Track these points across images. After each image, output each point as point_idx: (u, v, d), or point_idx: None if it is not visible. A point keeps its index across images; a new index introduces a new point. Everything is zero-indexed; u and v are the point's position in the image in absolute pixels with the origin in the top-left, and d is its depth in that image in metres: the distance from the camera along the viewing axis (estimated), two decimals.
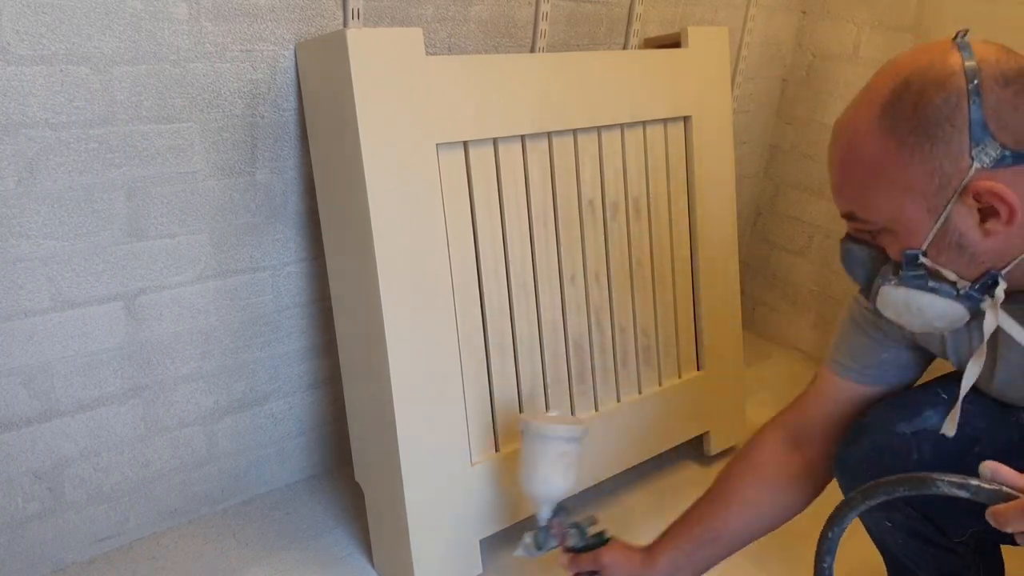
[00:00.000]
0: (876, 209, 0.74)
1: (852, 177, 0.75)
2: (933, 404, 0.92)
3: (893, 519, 0.97)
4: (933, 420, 0.90)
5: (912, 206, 0.72)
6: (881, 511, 0.97)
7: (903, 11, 1.74)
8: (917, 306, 0.76)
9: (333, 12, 1.18)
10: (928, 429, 0.90)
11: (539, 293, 1.26)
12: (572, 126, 1.26)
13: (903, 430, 0.91)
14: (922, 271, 0.74)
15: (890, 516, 0.97)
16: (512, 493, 1.26)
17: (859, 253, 0.80)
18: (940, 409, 0.90)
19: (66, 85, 0.99)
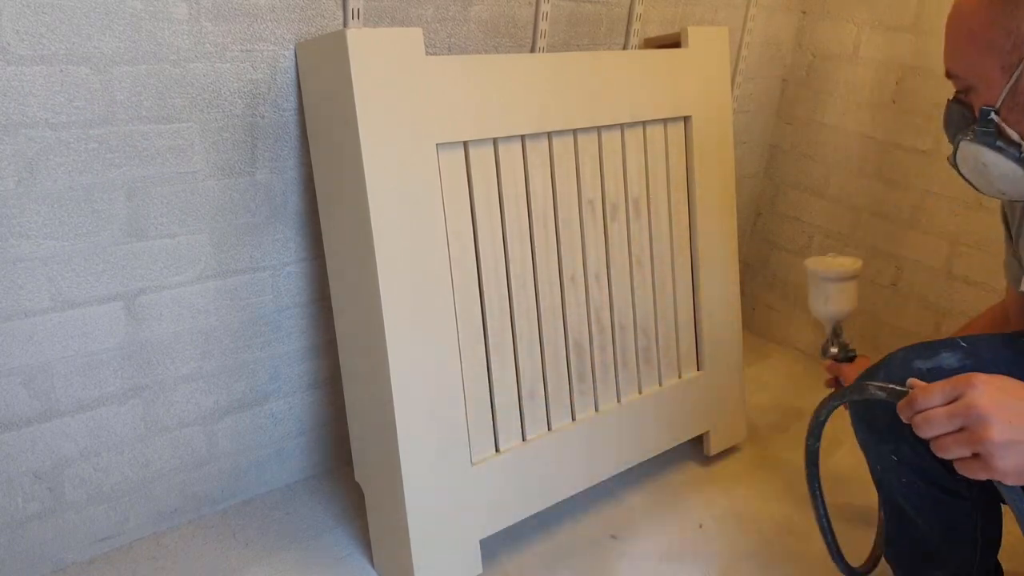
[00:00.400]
0: (965, 65, 0.82)
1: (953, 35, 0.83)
2: (951, 348, 0.96)
3: (901, 453, 0.98)
4: (949, 361, 0.94)
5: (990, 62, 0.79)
6: (890, 444, 0.99)
7: (903, 11, 1.74)
8: (983, 162, 0.84)
9: (333, 12, 1.18)
10: (943, 367, 0.93)
11: (539, 293, 1.26)
12: (572, 126, 1.26)
13: (919, 366, 0.95)
14: (992, 128, 0.81)
15: (899, 450, 0.98)
16: (512, 493, 1.26)
17: (954, 112, 0.87)
18: (957, 353, 0.94)
19: (66, 85, 0.99)
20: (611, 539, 1.38)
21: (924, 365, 0.94)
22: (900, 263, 1.85)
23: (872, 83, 1.82)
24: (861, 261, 1.34)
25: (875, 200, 1.87)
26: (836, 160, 1.94)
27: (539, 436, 1.29)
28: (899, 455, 0.99)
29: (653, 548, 1.36)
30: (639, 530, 1.41)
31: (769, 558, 1.37)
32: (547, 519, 1.38)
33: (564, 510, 1.40)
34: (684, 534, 1.40)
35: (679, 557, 1.35)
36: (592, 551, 1.35)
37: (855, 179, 1.91)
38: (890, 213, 1.85)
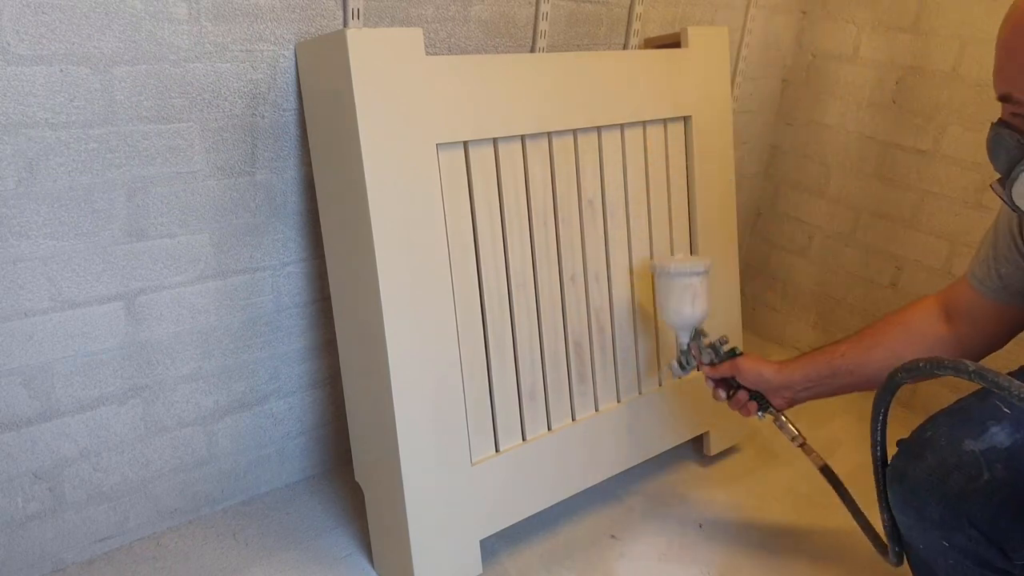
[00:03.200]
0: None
1: (1016, 56, 0.76)
2: (997, 419, 0.90)
3: (954, 540, 0.93)
4: (1000, 437, 0.88)
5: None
6: (941, 531, 0.93)
7: (903, 11, 1.74)
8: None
9: (333, 12, 1.18)
10: (997, 447, 0.88)
11: (539, 293, 1.26)
12: (572, 126, 1.26)
13: (971, 447, 0.89)
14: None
15: (951, 538, 0.93)
16: (512, 493, 1.26)
17: (1007, 138, 0.80)
18: (1005, 425, 0.88)
19: (66, 85, 0.99)
20: (611, 539, 1.38)
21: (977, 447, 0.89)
22: (900, 263, 1.85)
23: (872, 83, 1.82)
24: None
25: (875, 200, 1.87)
26: (836, 160, 1.94)
27: (539, 436, 1.29)
28: (951, 542, 0.94)
29: (653, 548, 1.36)
30: (639, 530, 1.41)
31: (769, 558, 1.36)
32: (547, 519, 1.38)
33: (564, 510, 1.40)
34: (684, 534, 1.40)
35: (679, 557, 1.35)
36: (592, 551, 1.35)
37: (855, 179, 1.91)
38: (890, 213, 1.85)
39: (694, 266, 1.21)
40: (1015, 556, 0.90)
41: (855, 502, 1.19)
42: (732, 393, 1.24)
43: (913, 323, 1.08)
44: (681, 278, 1.20)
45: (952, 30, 1.65)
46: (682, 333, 1.25)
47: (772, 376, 1.18)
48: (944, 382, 1.78)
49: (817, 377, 1.15)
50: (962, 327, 1.04)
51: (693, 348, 1.25)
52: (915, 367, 0.78)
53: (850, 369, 1.11)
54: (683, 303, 1.21)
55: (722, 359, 1.22)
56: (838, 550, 1.39)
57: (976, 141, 1.64)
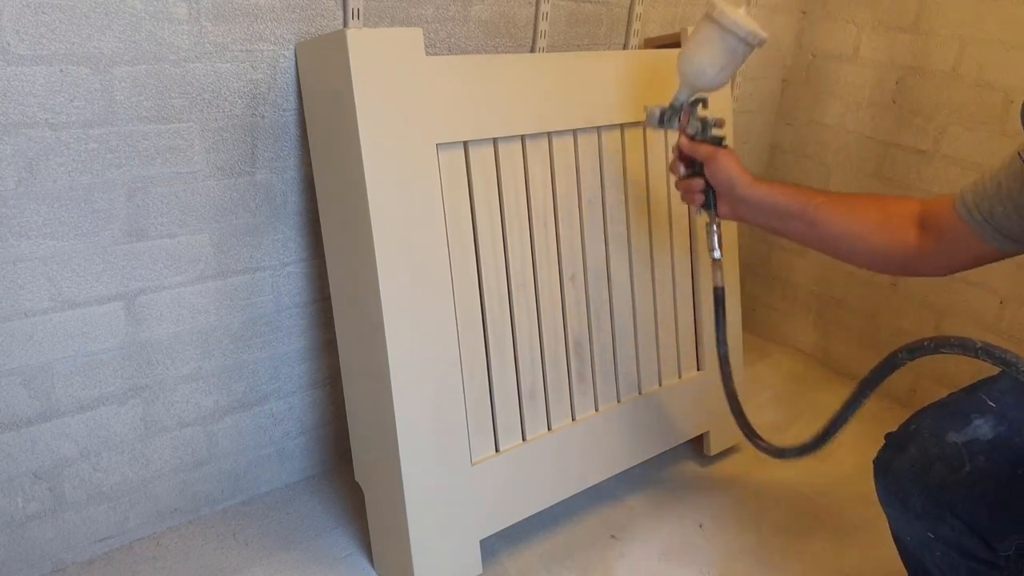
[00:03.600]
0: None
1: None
2: (981, 412, 0.90)
3: (938, 531, 0.94)
4: (983, 429, 0.88)
5: None
6: (926, 522, 0.94)
7: (903, 11, 1.74)
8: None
9: (333, 12, 1.18)
10: (979, 439, 0.88)
11: (539, 293, 1.26)
12: (572, 126, 1.26)
13: (953, 439, 0.89)
14: None
15: (936, 529, 0.94)
16: (512, 493, 1.26)
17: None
18: (989, 418, 0.89)
19: (66, 85, 0.99)
20: (611, 539, 1.38)
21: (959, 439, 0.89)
22: None
23: (872, 83, 1.82)
24: None
25: None
26: (836, 160, 1.94)
27: (539, 436, 1.29)
28: (936, 533, 0.95)
29: (653, 548, 1.37)
30: (639, 530, 1.41)
31: (769, 558, 1.37)
32: (547, 519, 1.38)
33: (564, 510, 1.40)
34: (684, 534, 1.40)
35: (679, 557, 1.35)
36: (592, 551, 1.35)
37: (855, 179, 1.91)
38: None
39: (752, 32, 1.03)
40: (999, 547, 0.92)
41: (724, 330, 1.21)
42: (690, 174, 1.15)
43: (890, 213, 1.05)
44: (731, 35, 1.03)
45: (952, 30, 1.65)
46: (685, 89, 1.11)
47: (741, 184, 1.10)
48: (942, 382, 1.78)
49: (782, 209, 1.09)
50: (930, 241, 1.02)
51: (685, 111, 1.12)
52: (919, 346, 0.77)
53: (814, 220, 1.07)
54: (713, 61, 1.05)
55: (705, 138, 1.12)
56: (838, 550, 1.39)
57: (976, 141, 1.64)
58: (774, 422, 1.77)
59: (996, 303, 1.68)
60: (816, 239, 1.09)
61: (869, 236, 1.05)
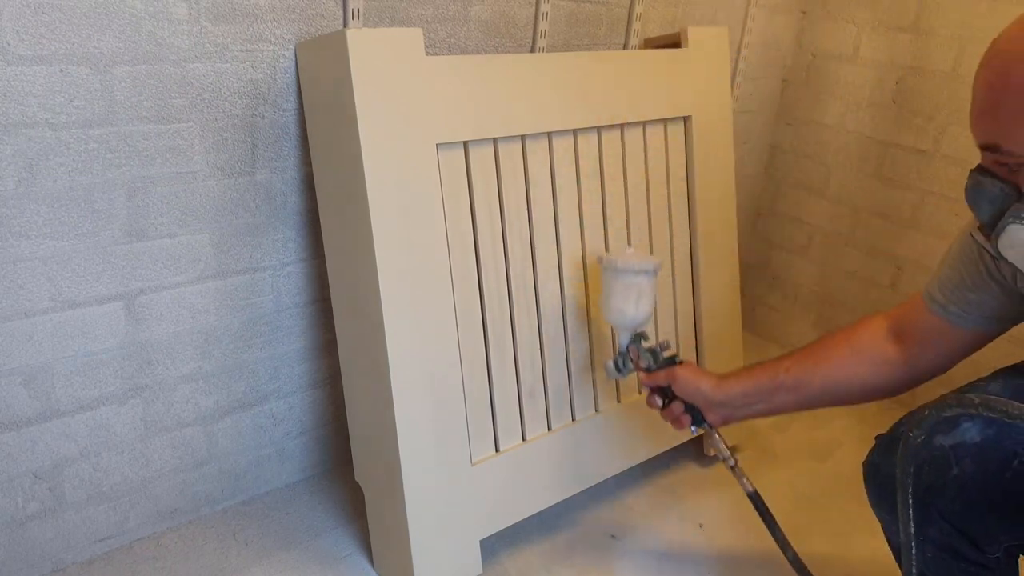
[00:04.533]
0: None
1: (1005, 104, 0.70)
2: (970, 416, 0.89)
3: (927, 534, 0.94)
4: (971, 433, 0.88)
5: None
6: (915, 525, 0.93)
7: (903, 11, 1.74)
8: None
9: (333, 12, 1.18)
10: (967, 442, 0.88)
11: (539, 293, 1.26)
12: (572, 126, 1.26)
13: (941, 442, 0.89)
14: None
15: (925, 531, 0.94)
16: (512, 493, 1.26)
17: (990, 187, 0.75)
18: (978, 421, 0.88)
19: (66, 85, 0.99)
20: (611, 539, 1.38)
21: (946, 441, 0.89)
22: (900, 263, 1.85)
23: (872, 83, 1.82)
24: None
25: (875, 200, 1.87)
26: (836, 160, 1.94)
27: (539, 436, 1.29)
28: (925, 535, 0.95)
29: (653, 548, 1.36)
30: (639, 530, 1.41)
31: (769, 558, 1.36)
32: (547, 519, 1.38)
33: (564, 510, 1.40)
34: (684, 534, 1.40)
35: (679, 557, 1.35)
36: (592, 551, 1.35)
37: (855, 179, 1.91)
38: (890, 213, 1.85)
39: (643, 263, 1.12)
40: (987, 549, 0.92)
41: (783, 534, 1.14)
42: (667, 402, 1.16)
43: (861, 342, 1.04)
44: (628, 275, 1.12)
45: (952, 30, 1.65)
46: (622, 333, 1.18)
47: (710, 390, 1.10)
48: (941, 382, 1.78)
49: (757, 393, 1.08)
50: (912, 348, 1.01)
51: (632, 350, 1.18)
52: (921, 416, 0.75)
53: (793, 386, 1.06)
54: (627, 302, 1.13)
55: (660, 366, 1.15)
56: (838, 550, 1.39)
57: None
58: (774, 422, 1.77)
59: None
60: (806, 402, 1.08)
61: (852, 376, 1.03)
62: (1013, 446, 0.87)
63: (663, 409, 1.17)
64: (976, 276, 0.92)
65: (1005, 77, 0.70)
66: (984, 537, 0.91)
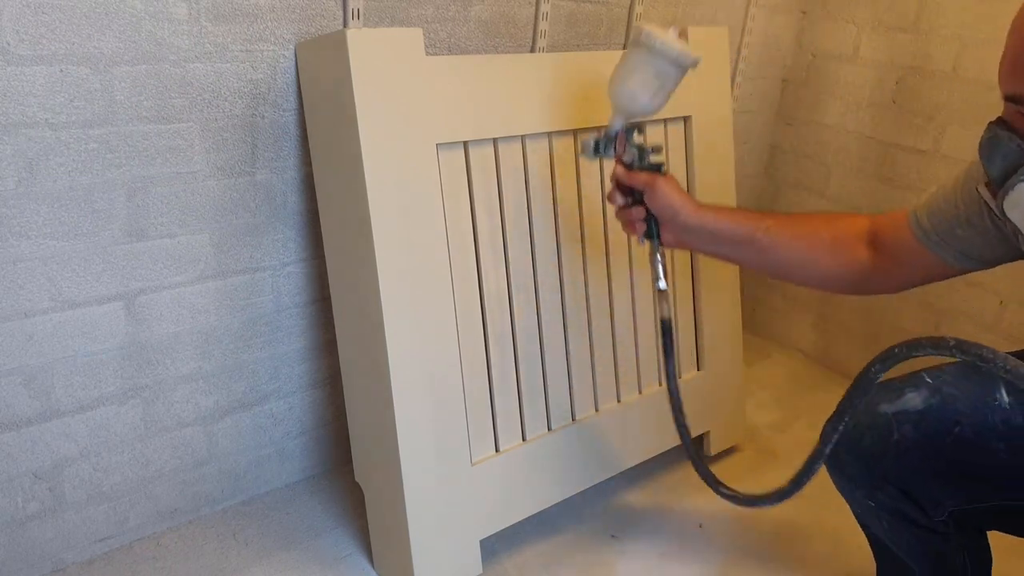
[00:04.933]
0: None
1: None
2: (916, 386, 0.92)
3: (876, 498, 0.98)
4: (915, 401, 0.91)
5: None
6: (864, 490, 0.98)
7: (903, 11, 1.74)
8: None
9: (333, 12, 1.18)
10: (908, 410, 0.91)
11: (539, 293, 1.26)
12: (572, 126, 1.26)
13: (885, 410, 0.92)
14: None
15: (873, 495, 0.98)
16: (512, 493, 1.26)
17: (1007, 142, 0.73)
18: (922, 391, 0.91)
19: (66, 85, 0.99)
20: (611, 539, 1.38)
21: (889, 409, 0.92)
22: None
23: (872, 83, 1.82)
24: None
25: (875, 200, 1.87)
26: (836, 160, 1.94)
27: (539, 436, 1.29)
28: (875, 501, 0.98)
29: (653, 548, 1.36)
30: (639, 530, 1.41)
31: (769, 558, 1.37)
32: (547, 519, 1.38)
33: (564, 510, 1.40)
34: (684, 534, 1.40)
35: (679, 557, 1.35)
36: (592, 551, 1.35)
37: (855, 179, 1.91)
38: None
39: (683, 55, 0.98)
40: (932, 513, 0.94)
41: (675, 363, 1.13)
42: (630, 203, 1.07)
43: (841, 235, 1.03)
44: (662, 61, 0.98)
45: (952, 30, 1.65)
46: (619, 116, 1.05)
47: (685, 211, 1.03)
48: None
49: (728, 236, 1.04)
50: (883, 260, 1.00)
51: (620, 139, 1.06)
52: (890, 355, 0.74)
53: (764, 246, 1.03)
54: (645, 87, 1.00)
55: (642, 166, 1.05)
56: (838, 550, 1.39)
57: (976, 141, 1.64)
58: (774, 422, 1.77)
59: (996, 303, 1.68)
60: (766, 265, 1.07)
61: (820, 259, 1.03)
62: (955, 415, 0.89)
63: (622, 208, 1.08)
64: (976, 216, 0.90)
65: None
66: (927, 500, 0.94)
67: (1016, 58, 0.71)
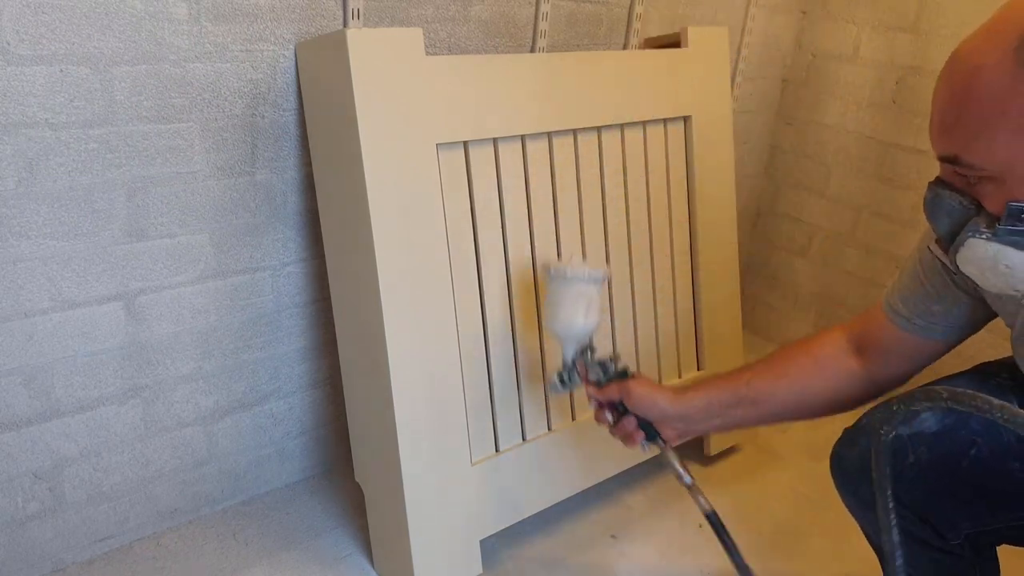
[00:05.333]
0: (988, 153, 0.67)
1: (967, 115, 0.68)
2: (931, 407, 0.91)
3: None
4: (929, 423, 0.90)
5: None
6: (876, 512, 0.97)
7: (903, 11, 1.74)
8: (1006, 264, 0.70)
9: (333, 12, 1.18)
10: (924, 432, 0.89)
11: (539, 293, 1.26)
12: (572, 126, 1.26)
13: (901, 432, 0.90)
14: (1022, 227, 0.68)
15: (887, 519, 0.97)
16: (512, 493, 1.26)
17: (949, 200, 0.73)
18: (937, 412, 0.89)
19: (66, 85, 0.99)
20: (611, 539, 1.38)
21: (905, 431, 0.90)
22: (900, 263, 1.85)
23: (872, 83, 1.82)
24: None
25: (875, 200, 1.87)
26: (836, 160, 1.94)
27: (539, 436, 1.29)
28: None
29: (653, 548, 1.37)
30: (639, 530, 1.41)
31: (769, 558, 1.37)
32: (547, 519, 1.38)
33: (564, 510, 1.40)
34: (684, 534, 1.40)
35: (679, 557, 1.35)
36: (592, 551, 1.35)
37: (855, 179, 1.91)
38: (890, 213, 1.85)
39: (593, 273, 1.08)
40: (948, 535, 0.93)
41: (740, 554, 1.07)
42: (618, 418, 1.08)
43: (822, 356, 1.02)
44: (578, 283, 1.07)
45: (952, 30, 1.65)
46: (568, 345, 1.10)
47: (667, 404, 1.03)
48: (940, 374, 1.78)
49: (718, 406, 1.03)
50: (875, 361, 0.99)
51: (579, 364, 1.10)
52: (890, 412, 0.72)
53: (754, 400, 1.01)
54: (576, 312, 1.07)
55: (611, 379, 1.07)
56: (838, 550, 1.39)
57: None
58: None
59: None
60: (768, 415, 1.03)
61: (815, 390, 1.00)
62: (970, 435, 0.88)
63: (614, 425, 1.09)
64: (942, 287, 0.90)
65: (967, 88, 0.67)
66: (944, 524, 0.93)
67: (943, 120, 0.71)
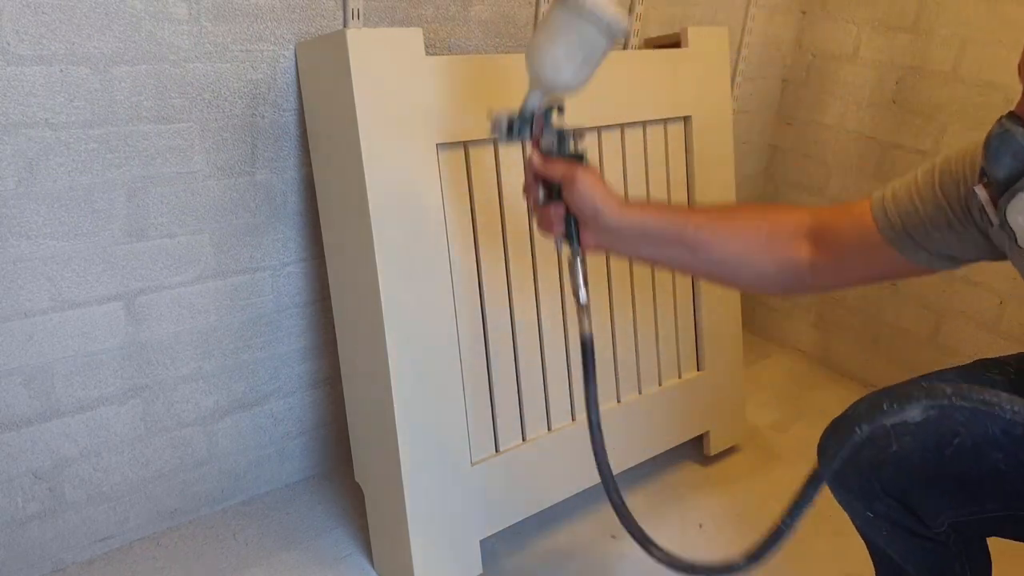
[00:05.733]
0: None
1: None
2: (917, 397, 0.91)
3: (875, 509, 0.97)
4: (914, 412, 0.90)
5: None
6: (863, 501, 0.97)
7: (903, 11, 1.74)
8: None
9: (333, 12, 1.18)
10: (908, 422, 0.90)
11: (539, 293, 1.26)
12: (571, 126, 1.26)
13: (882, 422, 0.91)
14: None
15: (872, 507, 0.97)
16: (512, 493, 1.26)
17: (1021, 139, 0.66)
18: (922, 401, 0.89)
19: (66, 85, 0.99)
20: (611, 539, 1.38)
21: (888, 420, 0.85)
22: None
23: (872, 83, 1.82)
24: None
25: None
26: (836, 160, 1.94)
27: (539, 436, 1.29)
28: (874, 511, 0.97)
29: None
30: None
31: (769, 559, 1.36)
32: (547, 519, 1.38)
33: (564, 510, 1.40)
34: (684, 534, 1.40)
35: None
36: (592, 551, 1.35)
37: (855, 179, 1.91)
38: None
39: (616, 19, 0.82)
40: (931, 524, 0.94)
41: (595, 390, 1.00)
42: (547, 200, 0.92)
43: (778, 233, 0.92)
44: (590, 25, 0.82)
45: (952, 30, 1.65)
46: (537, 91, 0.88)
47: (608, 209, 0.89)
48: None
49: (655, 237, 0.92)
50: (826, 257, 0.90)
51: (538, 119, 0.90)
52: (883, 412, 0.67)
53: (693, 246, 0.92)
54: (571, 57, 0.84)
55: (562, 154, 0.90)
56: (838, 550, 1.39)
57: (977, 141, 1.64)
58: (774, 422, 1.77)
59: (996, 303, 1.68)
60: (699, 267, 0.97)
61: (754, 257, 0.93)
62: (954, 426, 0.88)
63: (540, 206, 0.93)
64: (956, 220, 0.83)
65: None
66: (928, 513, 0.93)
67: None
